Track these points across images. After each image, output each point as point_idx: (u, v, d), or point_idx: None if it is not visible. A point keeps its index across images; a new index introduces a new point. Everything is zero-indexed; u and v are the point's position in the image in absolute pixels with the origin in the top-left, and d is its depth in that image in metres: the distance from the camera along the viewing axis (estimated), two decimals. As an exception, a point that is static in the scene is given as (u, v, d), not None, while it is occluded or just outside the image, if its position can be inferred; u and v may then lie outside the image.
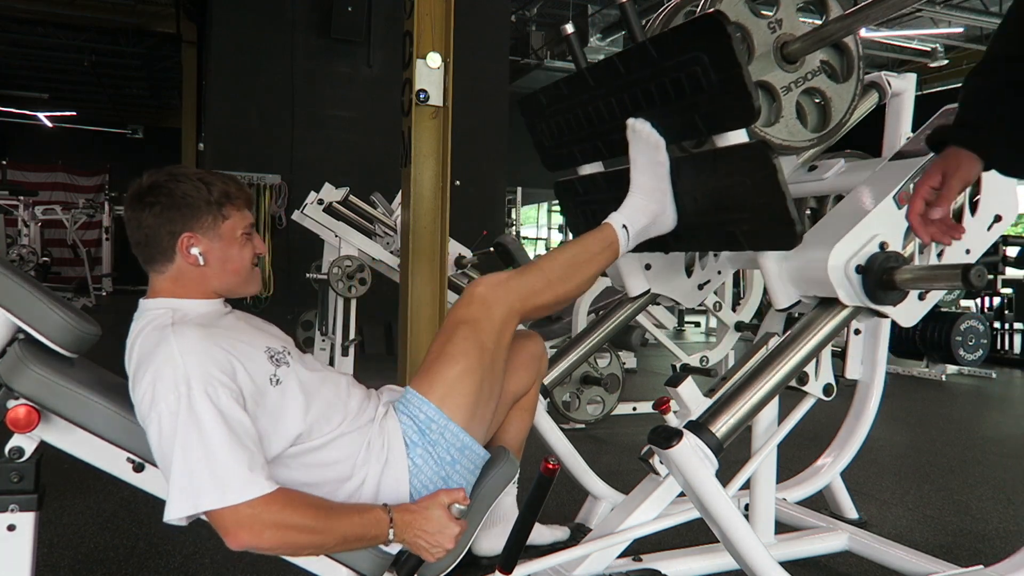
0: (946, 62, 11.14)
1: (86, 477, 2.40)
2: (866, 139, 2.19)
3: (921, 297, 1.59)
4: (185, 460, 1.13)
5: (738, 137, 1.46)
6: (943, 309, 5.60)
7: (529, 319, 1.53)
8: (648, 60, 1.51)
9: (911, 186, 1.52)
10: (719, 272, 2.11)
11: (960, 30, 10.55)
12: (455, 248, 4.60)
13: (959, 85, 1.20)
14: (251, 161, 7.38)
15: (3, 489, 1.20)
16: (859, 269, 1.47)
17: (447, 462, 1.38)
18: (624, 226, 1.57)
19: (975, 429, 4.24)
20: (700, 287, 2.09)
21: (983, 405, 5.12)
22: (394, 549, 1.35)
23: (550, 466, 1.33)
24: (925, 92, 11.69)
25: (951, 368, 5.98)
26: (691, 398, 1.53)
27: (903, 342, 5.49)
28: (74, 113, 14.82)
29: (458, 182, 7.21)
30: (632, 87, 1.58)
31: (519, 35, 10.84)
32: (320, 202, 4.78)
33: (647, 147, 1.57)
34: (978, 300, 6.96)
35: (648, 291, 1.99)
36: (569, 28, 1.78)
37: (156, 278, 1.34)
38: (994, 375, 6.09)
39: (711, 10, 1.42)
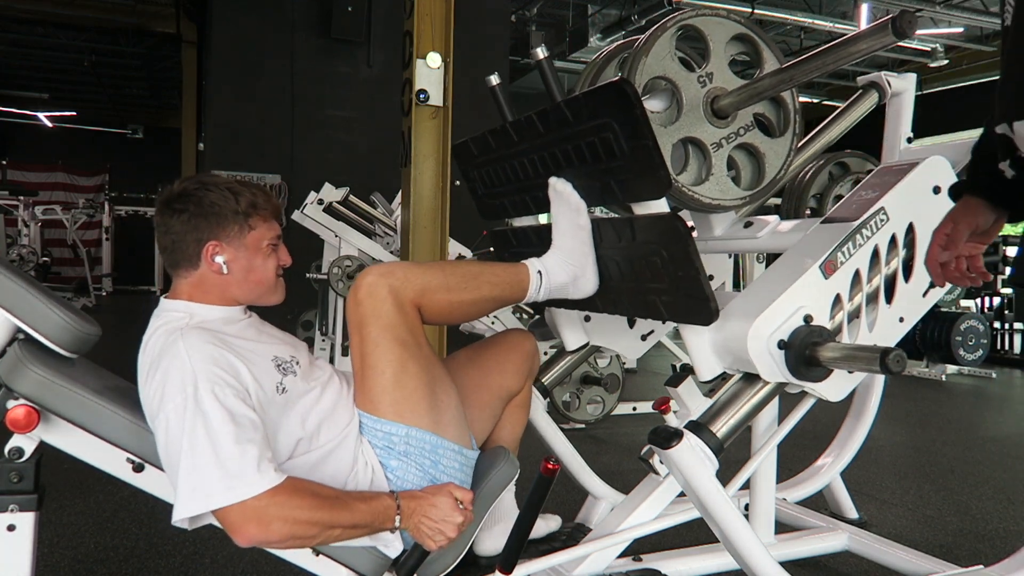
0: (946, 62, 11.13)
1: (86, 477, 2.40)
2: (866, 139, 2.20)
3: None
4: (193, 459, 1.14)
5: (655, 206, 1.40)
6: (943, 309, 5.60)
7: (426, 321, 1.45)
8: (564, 122, 1.47)
9: (838, 255, 1.46)
10: (663, 322, 2.06)
11: (960, 30, 10.55)
12: (455, 248, 4.60)
13: (959, 85, 1.21)
14: (251, 161, 7.39)
15: (3, 489, 1.20)
16: (781, 344, 1.38)
17: (427, 467, 1.37)
18: (540, 272, 1.51)
19: (975, 429, 4.24)
20: (644, 337, 2.03)
21: (983, 405, 5.13)
22: (393, 552, 1.35)
23: (550, 466, 1.33)
24: (925, 92, 11.70)
25: (951, 368, 5.98)
26: (691, 398, 1.53)
27: (903, 342, 5.48)
28: (74, 113, 14.82)
29: (458, 182, 7.20)
30: (551, 147, 1.54)
31: (519, 35, 10.84)
32: (320, 202, 4.78)
33: (568, 209, 1.53)
34: (978, 300, 6.96)
35: (587, 344, 1.94)
36: (494, 80, 1.71)
37: (179, 281, 1.35)
38: (994, 375, 6.10)
39: (616, 78, 1.37)
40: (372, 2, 7.67)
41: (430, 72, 2.96)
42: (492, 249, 4.55)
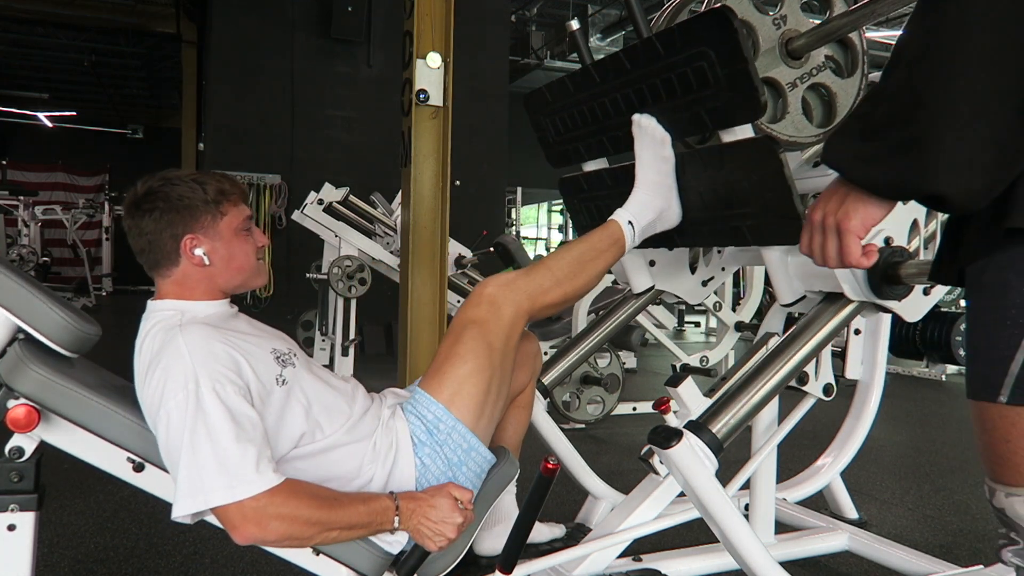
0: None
1: (86, 477, 2.40)
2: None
3: (926, 292, 1.59)
4: (194, 456, 1.14)
5: (744, 132, 1.46)
6: (943, 309, 5.60)
7: (536, 318, 1.52)
8: (654, 56, 1.51)
9: None
10: (723, 268, 2.11)
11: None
12: (455, 248, 4.60)
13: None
14: (251, 161, 7.39)
15: (3, 489, 1.20)
16: None
17: (454, 463, 1.39)
18: (630, 222, 1.56)
19: (975, 429, 4.24)
20: (704, 284, 2.08)
21: (983, 405, 5.11)
22: (395, 549, 1.36)
23: (550, 466, 1.33)
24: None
25: (951, 368, 5.97)
26: (691, 398, 1.53)
27: (903, 342, 5.48)
28: (74, 113, 14.81)
29: (458, 182, 7.22)
30: (638, 83, 1.58)
31: (519, 35, 10.84)
32: (320, 202, 4.78)
33: (652, 143, 1.56)
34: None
35: (652, 287, 1.99)
36: (574, 24, 1.78)
37: (162, 282, 1.35)
38: (994, 375, 6.08)
39: (717, 5, 1.42)
40: (372, 2, 7.67)
41: (430, 72, 2.96)
42: (492, 249, 4.50)
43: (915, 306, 1.56)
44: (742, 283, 5.71)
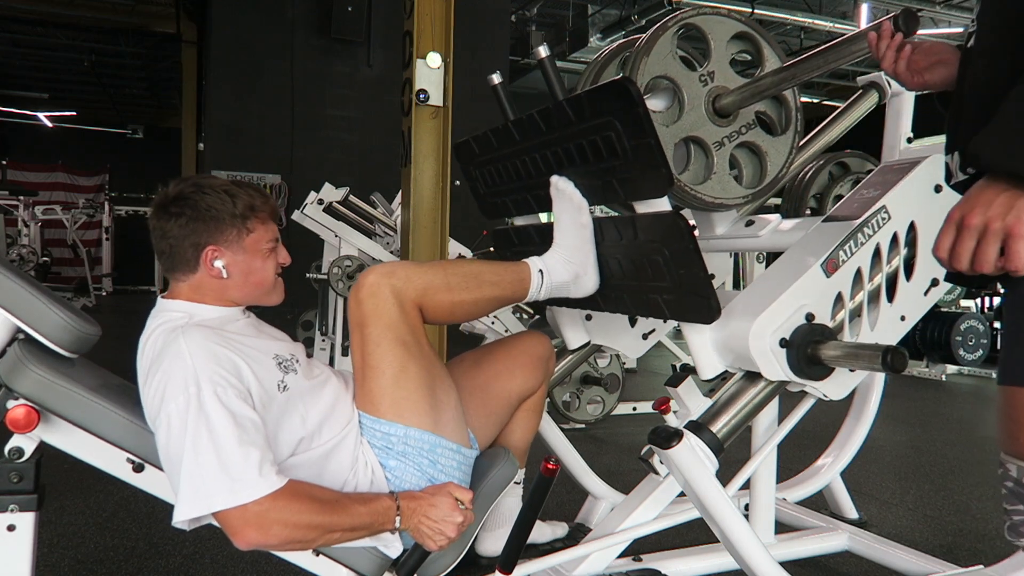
0: (946, 62, 11.12)
1: (86, 477, 2.40)
2: (866, 139, 2.19)
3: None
4: (196, 461, 1.13)
5: (657, 205, 1.40)
6: (943, 309, 5.60)
7: (427, 320, 1.45)
8: (566, 121, 1.46)
9: (839, 254, 1.46)
10: (664, 320, 2.06)
11: (960, 30, 10.54)
12: (455, 248, 4.60)
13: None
14: (251, 161, 7.39)
15: (3, 489, 1.20)
16: (783, 343, 1.38)
17: (425, 466, 1.37)
18: (540, 271, 1.51)
19: (975, 429, 4.24)
20: (645, 336, 2.03)
21: (983, 405, 5.12)
22: (394, 552, 1.35)
23: (550, 466, 1.33)
24: (925, 92, 11.67)
25: (951, 368, 5.98)
26: (691, 398, 1.53)
27: (903, 342, 5.49)
28: (74, 113, 14.82)
29: (458, 182, 7.20)
30: (554, 145, 1.53)
31: (519, 35, 10.84)
32: (320, 202, 4.77)
33: (570, 206, 1.52)
34: (978, 300, 6.96)
35: (588, 343, 1.95)
36: (496, 79, 1.73)
37: (177, 284, 1.35)
38: (994, 375, 6.09)
39: (619, 76, 1.37)
40: (372, 2, 7.67)
41: (430, 72, 2.96)
42: (492, 249, 4.56)
43: (840, 384, 1.48)
44: (742, 283, 5.71)
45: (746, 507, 1.99)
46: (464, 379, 1.56)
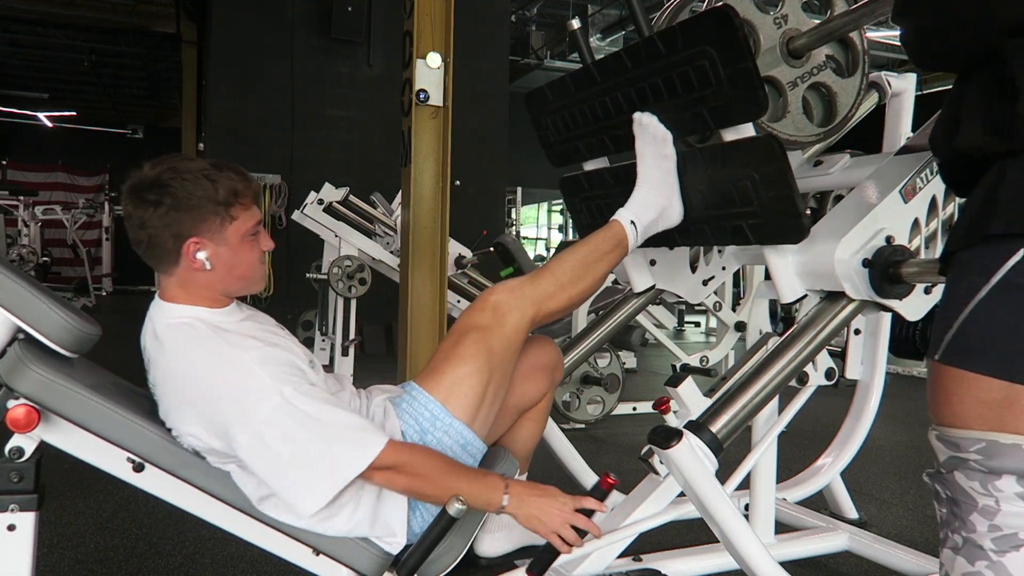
0: (946, 62, 11.10)
1: (86, 477, 2.40)
2: (866, 139, 2.19)
3: (927, 291, 1.59)
4: (306, 452, 1.18)
5: (745, 131, 1.46)
6: (943, 309, 5.59)
7: (542, 324, 1.52)
8: (655, 55, 1.51)
9: (916, 181, 1.53)
10: (724, 268, 2.11)
11: None
12: (455, 248, 4.59)
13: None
14: (251, 161, 7.37)
15: (3, 489, 1.20)
16: (865, 263, 1.46)
17: (433, 443, 1.39)
18: (632, 222, 1.56)
19: (975, 429, 4.23)
20: (705, 283, 2.09)
21: (983, 405, 5.11)
22: (395, 548, 1.35)
23: (609, 480, 1.33)
24: (925, 92, 11.67)
25: (951, 368, 5.96)
26: (691, 398, 1.53)
27: (903, 342, 5.48)
28: (74, 113, 14.81)
29: (458, 182, 7.21)
30: (639, 82, 1.58)
31: (519, 35, 10.84)
32: (320, 202, 4.77)
33: (654, 141, 1.56)
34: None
35: (652, 287, 1.99)
36: (575, 23, 1.78)
37: (164, 280, 1.34)
38: (994, 375, 6.08)
39: (719, 4, 1.42)
40: (372, 2, 7.66)
41: (430, 72, 2.95)
42: (492, 249, 4.49)
43: (916, 305, 1.56)
44: (742, 283, 5.71)
45: (746, 507, 1.99)
46: None
